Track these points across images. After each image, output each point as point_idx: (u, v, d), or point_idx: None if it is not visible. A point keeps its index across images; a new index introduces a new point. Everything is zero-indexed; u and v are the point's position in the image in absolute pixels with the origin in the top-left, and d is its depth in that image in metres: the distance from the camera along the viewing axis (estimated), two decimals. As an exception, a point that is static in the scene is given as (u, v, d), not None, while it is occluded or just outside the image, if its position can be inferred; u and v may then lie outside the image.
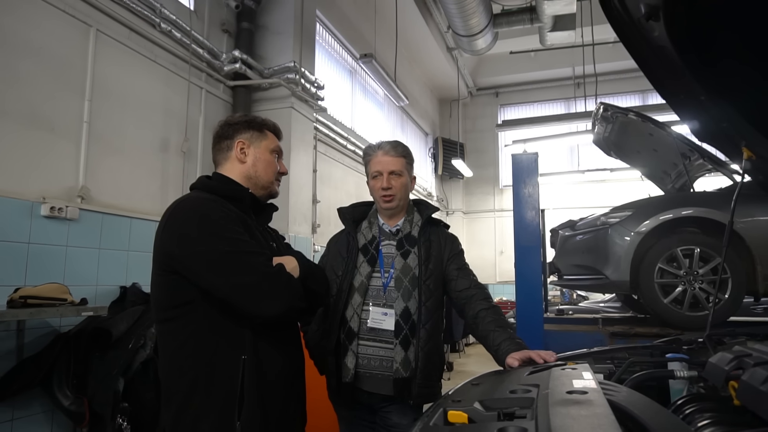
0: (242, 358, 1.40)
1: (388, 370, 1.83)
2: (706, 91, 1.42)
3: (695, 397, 1.20)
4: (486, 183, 12.65)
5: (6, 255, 2.89)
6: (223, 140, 1.63)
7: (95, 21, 3.56)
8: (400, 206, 2.01)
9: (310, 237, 5.49)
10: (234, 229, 1.42)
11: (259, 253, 1.43)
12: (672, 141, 3.95)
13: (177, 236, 1.41)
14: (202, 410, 1.37)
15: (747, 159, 1.54)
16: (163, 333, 1.48)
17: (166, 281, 1.43)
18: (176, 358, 1.43)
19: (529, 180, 3.65)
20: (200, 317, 1.41)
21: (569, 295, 9.47)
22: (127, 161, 3.82)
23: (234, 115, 1.72)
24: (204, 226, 1.40)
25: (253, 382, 1.40)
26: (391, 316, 1.85)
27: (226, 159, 1.63)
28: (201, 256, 1.37)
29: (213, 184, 1.57)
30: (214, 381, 1.39)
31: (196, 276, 1.38)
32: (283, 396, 1.52)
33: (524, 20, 8.23)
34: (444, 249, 1.98)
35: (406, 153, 2.02)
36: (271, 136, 1.70)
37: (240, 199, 1.56)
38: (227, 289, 1.37)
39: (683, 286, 3.35)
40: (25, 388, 2.82)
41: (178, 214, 1.44)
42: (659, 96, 1.64)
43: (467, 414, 0.90)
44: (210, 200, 1.47)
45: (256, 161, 1.64)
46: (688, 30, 1.28)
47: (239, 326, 1.42)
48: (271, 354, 1.47)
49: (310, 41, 5.67)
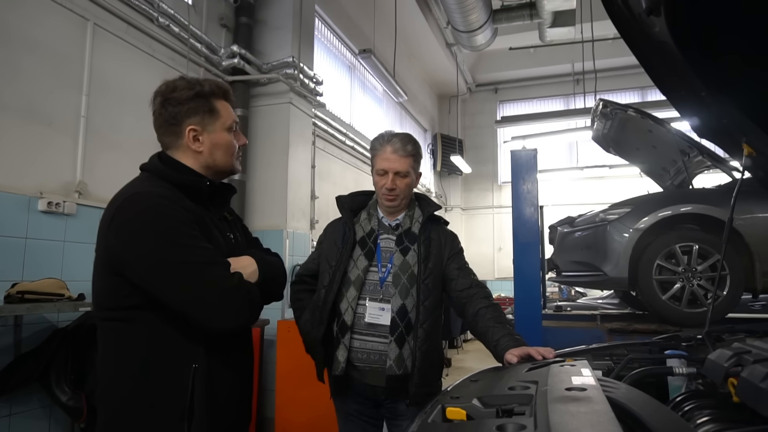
0: (193, 366, 1.28)
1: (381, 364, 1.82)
2: (707, 87, 1.41)
3: (694, 394, 1.20)
4: (485, 179, 12.65)
5: (3, 250, 2.88)
6: (170, 126, 1.40)
7: (93, 15, 3.54)
8: (404, 205, 2.00)
9: (309, 233, 5.49)
10: (191, 235, 1.28)
11: (216, 263, 1.29)
12: (671, 138, 3.95)
13: (126, 239, 1.25)
14: (143, 421, 1.25)
15: (747, 155, 1.54)
16: (104, 334, 1.33)
17: (110, 281, 1.28)
18: (118, 361, 1.29)
19: (528, 176, 3.65)
20: (146, 322, 1.28)
21: (567, 292, 9.49)
22: (125, 156, 3.80)
23: (177, 85, 1.40)
24: (157, 230, 1.24)
25: (203, 392, 1.28)
26: (387, 311, 1.84)
27: (176, 146, 1.42)
28: (154, 266, 1.23)
29: (167, 172, 1.38)
30: (163, 390, 1.26)
31: (147, 284, 1.25)
32: (234, 403, 1.41)
33: (524, 16, 8.21)
34: (444, 247, 1.97)
35: (414, 152, 1.98)
36: (223, 108, 1.45)
37: (198, 190, 1.39)
38: (182, 303, 1.25)
39: (682, 282, 3.35)
40: (22, 384, 2.82)
41: (127, 212, 1.27)
42: (659, 92, 1.63)
43: (466, 411, 0.89)
44: (163, 196, 1.29)
45: (213, 148, 1.43)
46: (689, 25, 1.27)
47: (191, 334, 1.29)
48: (221, 362, 1.35)
49: (308, 36, 5.65)
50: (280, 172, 5.03)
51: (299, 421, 4.00)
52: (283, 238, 4.88)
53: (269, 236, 4.79)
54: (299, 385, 3.98)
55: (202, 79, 1.45)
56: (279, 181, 5.02)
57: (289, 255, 4.94)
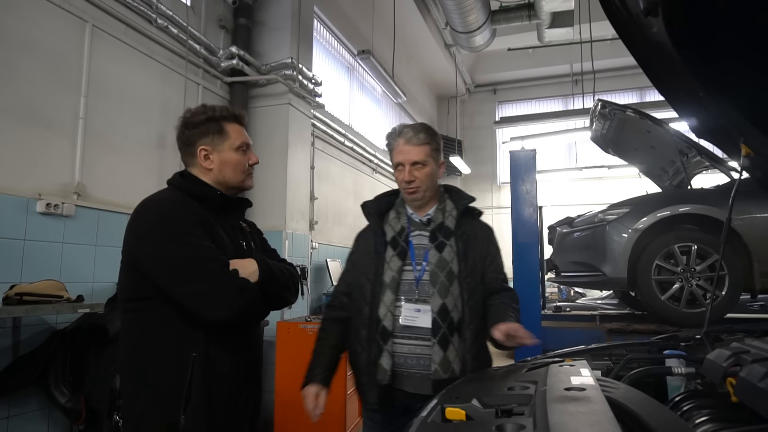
0: (193, 355, 1.43)
1: (426, 369, 1.70)
2: (705, 87, 1.41)
3: (693, 394, 1.20)
4: (483, 180, 12.64)
5: (1, 252, 2.88)
6: (187, 147, 1.62)
7: (91, 17, 3.54)
8: (428, 196, 1.86)
9: (308, 234, 5.49)
10: (193, 233, 1.44)
11: (214, 258, 1.44)
12: (670, 138, 3.96)
13: (138, 236, 1.46)
14: (149, 401, 1.43)
15: (745, 156, 1.54)
16: (124, 323, 1.53)
17: (129, 275, 1.49)
18: (131, 350, 1.49)
19: (526, 177, 3.66)
20: (157, 313, 1.45)
21: (566, 292, 9.49)
22: (124, 158, 3.80)
23: (195, 111, 1.64)
24: (164, 229, 1.43)
25: (200, 379, 1.43)
26: (426, 312, 1.73)
27: (193, 164, 1.63)
28: (158, 259, 1.42)
29: (185, 184, 1.59)
30: (164, 375, 1.43)
31: (154, 277, 1.43)
32: (232, 394, 1.53)
33: (522, 17, 8.21)
34: (486, 246, 1.87)
35: (430, 138, 1.84)
36: (233, 130, 1.64)
37: (210, 200, 1.58)
38: (180, 294, 1.41)
39: (680, 283, 3.36)
40: (21, 386, 2.81)
41: (142, 214, 1.49)
42: (657, 93, 1.64)
43: (465, 411, 0.89)
44: (174, 202, 1.50)
45: (222, 166, 1.61)
46: (687, 26, 1.27)
47: (193, 325, 1.44)
48: (221, 353, 1.49)
49: (307, 37, 5.65)
50: (279, 173, 5.02)
51: (299, 422, 4.00)
52: (282, 239, 4.88)
53: (268, 237, 4.69)
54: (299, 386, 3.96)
55: (217, 106, 1.67)
56: (278, 182, 5.02)
57: (288, 256, 4.93)
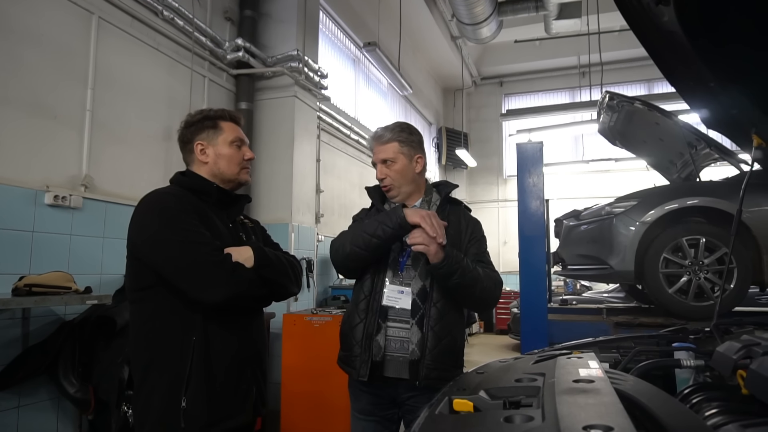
0: (192, 339, 1.51)
1: (406, 353, 1.76)
2: (716, 77, 1.39)
3: (702, 386, 1.19)
4: (490, 173, 12.62)
5: (10, 243, 2.90)
6: (185, 144, 1.75)
7: (97, 8, 3.54)
8: (404, 192, 1.96)
9: (314, 227, 5.49)
10: (188, 221, 1.53)
11: (207, 243, 1.52)
12: (678, 130, 3.91)
13: (137, 226, 1.56)
14: (155, 386, 1.51)
15: (757, 147, 1.52)
16: (131, 313, 1.62)
17: (132, 266, 1.58)
18: (138, 338, 1.57)
19: (533, 169, 3.63)
20: (158, 301, 1.54)
21: (573, 286, 9.47)
22: (130, 150, 3.81)
23: (194, 113, 1.78)
24: (160, 217, 1.52)
25: (200, 363, 1.50)
26: (407, 294, 1.80)
27: (192, 161, 1.75)
28: (153, 244, 1.51)
29: (184, 180, 1.71)
30: (167, 360, 1.51)
31: (151, 262, 1.51)
32: (232, 378, 1.59)
33: (529, 8, 8.16)
34: (464, 231, 1.93)
35: (397, 136, 1.93)
36: (228, 127, 1.75)
37: (207, 193, 1.68)
38: (174, 275, 1.49)
39: (688, 276, 3.34)
40: (30, 376, 2.84)
41: (140, 207, 1.58)
42: (666, 84, 1.62)
43: (473, 402, 0.89)
44: (173, 195, 1.60)
45: (216, 159, 1.72)
46: (698, 14, 1.25)
47: (192, 310, 1.52)
48: (220, 337, 1.56)
49: (313, 29, 5.63)
50: (285, 166, 5.03)
51: (305, 413, 4.02)
52: (288, 231, 4.89)
53: (274, 230, 4.74)
54: (305, 378, 3.99)
55: (215, 108, 1.80)
56: (284, 175, 5.02)
57: (294, 249, 4.94)
